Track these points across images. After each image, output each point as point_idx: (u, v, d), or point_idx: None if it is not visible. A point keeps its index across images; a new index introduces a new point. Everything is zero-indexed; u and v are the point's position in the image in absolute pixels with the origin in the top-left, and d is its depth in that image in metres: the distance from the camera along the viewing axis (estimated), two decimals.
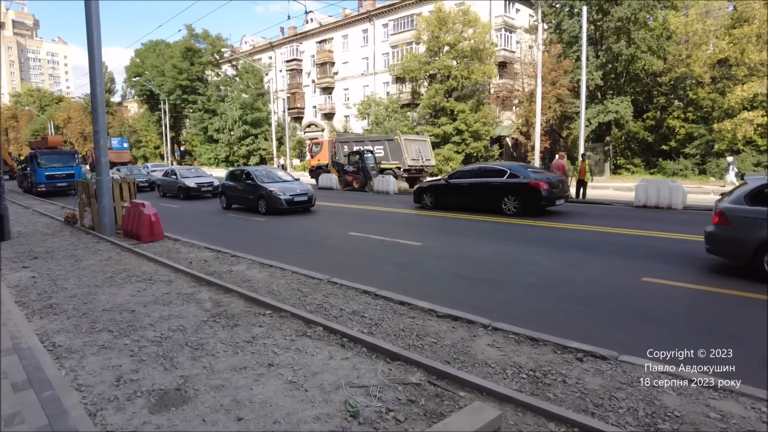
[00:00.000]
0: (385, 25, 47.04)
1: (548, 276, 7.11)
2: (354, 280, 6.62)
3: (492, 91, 38.38)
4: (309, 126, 55.87)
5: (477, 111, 35.49)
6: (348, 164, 24.84)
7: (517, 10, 41.65)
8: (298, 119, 56.04)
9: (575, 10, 30.45)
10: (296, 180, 17.37)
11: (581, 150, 21.21)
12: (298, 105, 55.89)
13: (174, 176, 22.29)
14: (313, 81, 55.21)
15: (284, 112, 49.68)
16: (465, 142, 34.51)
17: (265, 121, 52.58)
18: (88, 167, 36.19)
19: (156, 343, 4.54)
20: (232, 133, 52.44)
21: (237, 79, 55.90)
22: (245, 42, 65.37)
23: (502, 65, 38.56)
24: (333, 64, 52.82)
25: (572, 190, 17.73)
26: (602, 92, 31.04)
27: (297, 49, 56.42)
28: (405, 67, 38.12)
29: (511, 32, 40.09)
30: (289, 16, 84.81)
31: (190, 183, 21.25)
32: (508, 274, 7.38)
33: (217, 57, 58.88)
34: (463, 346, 4.36)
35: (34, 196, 23.91)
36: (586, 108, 24.74)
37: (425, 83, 39.11)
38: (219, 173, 31.37)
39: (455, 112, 35.07)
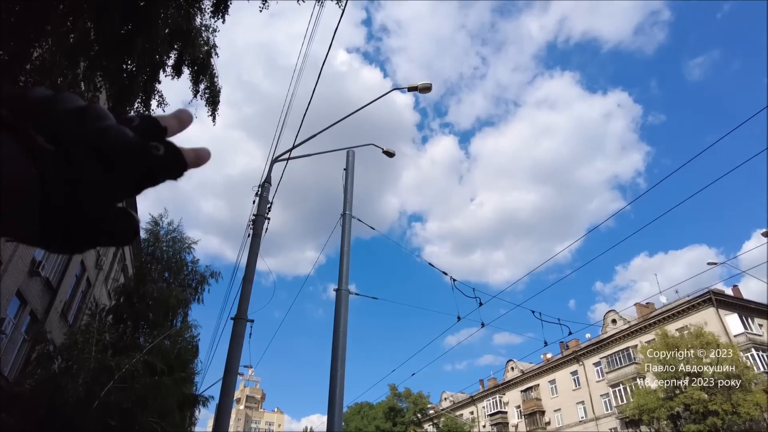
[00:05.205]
0: (597, 364, 42.97)
1: None
2: None
3: None
4: None
5: None
6: None
7: (760, 325, 35.67)
8: None
9: None
10: None
11: None
12: None
13: None
14: None
15: None
16: None
17: None
18: None
19: None
20: None
21: None
22: (444, 398, 64.76)
23: None
24: (543, 412, 47.49)
25: None
26: None
27: (500, 400, 53.13)
28: (640, 407, 31.92)
29: (763, 351, 33.21)
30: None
31: None
32: None
33: (419, 416, 57.92)
34: None
35: None
36: None
37: (670, 424, 31.58)
38: None
39: None
